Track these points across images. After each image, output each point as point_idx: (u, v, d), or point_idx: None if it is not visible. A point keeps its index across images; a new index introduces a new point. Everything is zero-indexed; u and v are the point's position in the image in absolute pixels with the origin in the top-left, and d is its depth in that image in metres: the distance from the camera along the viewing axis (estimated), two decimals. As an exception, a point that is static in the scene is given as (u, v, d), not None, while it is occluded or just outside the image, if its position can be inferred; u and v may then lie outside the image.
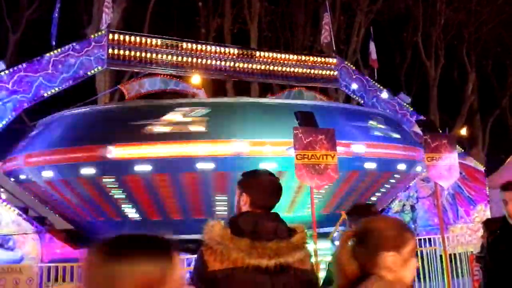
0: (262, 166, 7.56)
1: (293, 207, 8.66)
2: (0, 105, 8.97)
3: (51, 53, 9.58)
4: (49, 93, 9.55)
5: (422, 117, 12.65)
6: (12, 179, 10.01)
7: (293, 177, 6.61)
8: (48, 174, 8.55)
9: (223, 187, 8.02)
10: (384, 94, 12.98)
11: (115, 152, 7.88)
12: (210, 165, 7.84)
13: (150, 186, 8.11)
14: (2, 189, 11.32)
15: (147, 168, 7.90)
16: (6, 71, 9.08)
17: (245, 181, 2.20)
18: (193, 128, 8.10)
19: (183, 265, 7.68)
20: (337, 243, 9.19)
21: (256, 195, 2.13)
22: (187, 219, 8.31)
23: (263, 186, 2.16)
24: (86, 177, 8.23)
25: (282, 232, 2.01)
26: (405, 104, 13.28)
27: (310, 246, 6.71)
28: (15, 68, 9.24)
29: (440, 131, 9.85)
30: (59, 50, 9.68)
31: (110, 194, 8.37)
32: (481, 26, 23.35)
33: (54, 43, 10.01)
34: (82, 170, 8.12)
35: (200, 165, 7.84)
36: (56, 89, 9.63)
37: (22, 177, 9.28)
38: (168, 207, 8.46)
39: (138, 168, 7.90)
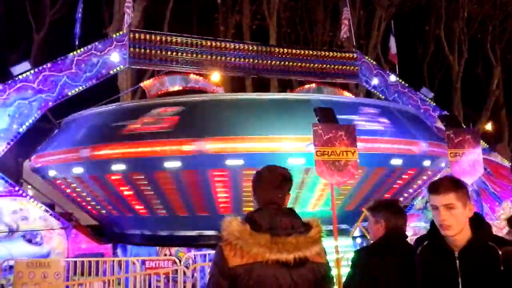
0: (291, 161, 7.61)
1: (319, 203, 8.64)
2: (26, 104, 9.22)
3: (75, 52, 9.79)
4: (73, 92, 9.77)
5: (445, 112, 12.42)
6: (40, 176, 10.28)
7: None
8: (78, 170, 8.70)
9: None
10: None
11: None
12: (239, 162, 7.88)
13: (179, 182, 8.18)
14: (29, 186, 11.67)
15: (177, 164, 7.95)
16: (32, 71, 9.32)
17: (252, 180, 2.24)
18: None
19: (206, 260, 7.78)
20: (358, 240, 9.11)
21: (258, 191, 2.17)
22: (213, 215, 8.34)
23: (263, 182, 2.18)
24: (117, 173, 8.35)
25: (299, 227, 2.04)
26: (427, 99, 13.06)
27: (331, 243, 6.69)
28: (40, 68, 9.48)
29: (464, 126, 9.66)
30: (82, 49, 9.88)
31: (140, 190, 8.46)
32: (507, 19, 22.70)
33: (77, 43, 10.22)
34: (113, 167, 8.25)
35: (229, 162, 7.87)
36: (80, 88, 9.84)
37: (51, 173, 9.50)
38: (194, 204, 8.52)
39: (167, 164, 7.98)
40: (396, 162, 8.65)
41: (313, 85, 13.04)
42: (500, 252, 2.06)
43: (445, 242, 2.14)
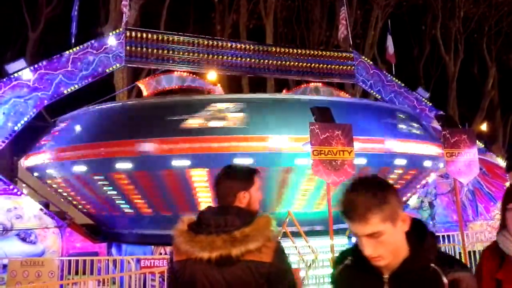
0: (297, 161, 7.61)
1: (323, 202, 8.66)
2: (21, 102, 9.17)
3: (70, 50, 9.74)
4: (69, 90, 9.72)
5: (441, 112, 12.46)
6: (36, 174, 10.21)
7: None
8: (80, 168, 8.63)
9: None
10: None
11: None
12: (249, 161, 7.87)
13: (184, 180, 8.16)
14: (24, 185, 11.60)
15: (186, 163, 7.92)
16: (27, 69, 9.27)
17: None
18: (230, 124, 8.12)
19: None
20: (354, 239, 9.13)
21: (212, 191, 2.28)
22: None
23: (215, 180, 2.25)
24: (121, 172, 8.31)
25: (230, 226, 2.02)
26: (423, 99, 13.10)
27: (327, 242, 6.70)
28: (36, 65, 9.43)
29: (460, 126, 9.69)
30: (78, 47, 9.83)
31: (143, 188, 8.43)
32: (502, 19, 22.82)
33: (73, 41, 10.17)
34: (117, 165, 8.18)
35: (238, 161, 7.85)
36: (76, 86, 9.80)
37: (48, 171, 9.44)
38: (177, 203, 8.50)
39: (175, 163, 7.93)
40: (400, 162, 8.76)
41: (310, 84, 13.06)
42: (444, 280, 1.54)
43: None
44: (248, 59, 11.58)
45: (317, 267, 7.32)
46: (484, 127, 22.86)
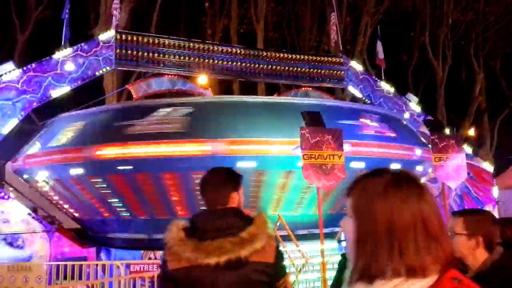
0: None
1: (300, 206, 8.67)
2: (10, 105, 9.06)
3: (60, 53, 9.66)
4: (58, 93, 9.63)
5: (429, 117, 12.60)
6: (25, 176, 10.08)
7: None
8: (76, 171, 8.58)
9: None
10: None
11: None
12: (253, 164, 7.88)
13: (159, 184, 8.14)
14: (11, 188, 11.44)
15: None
16: (16, 71, 9.17)
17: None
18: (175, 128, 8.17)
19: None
20: (344, 243, 9.16)
21: (203, 194, 2.20)
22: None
23: (205, 184, 2.21)
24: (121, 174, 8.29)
25: (233, 228, 2.01)
26: (412, 104, 13.23)
27: (316, 246, 6.70)
28: (25, 68, 9.33)
29: (448, 132, 9.81)
30: (67, 50, 9.76)
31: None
32: (489, 27, 23.20)
33: (63, 43, 10.09)
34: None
35: (240, 164, 7.83)
36: (65, 89, 9.71)
37: (35, 175, 9.35)
38: (174, 206, 8.48)
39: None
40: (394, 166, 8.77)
41: (301, 89, 13.12)
42: None
43: None
44: (239, 63, 11.60)
45: (308, 271, 7.33)
46: (471, 132, 23.15)
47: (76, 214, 9.72)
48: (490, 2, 22.20)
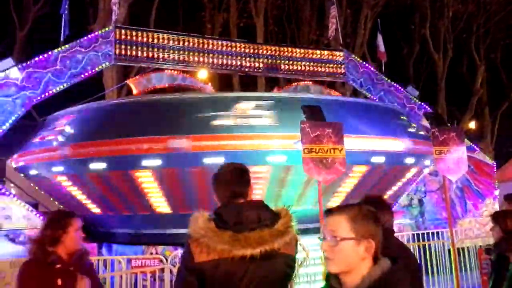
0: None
1: (301, 200, 8.66)
2: (10, 101, 9.06)
3: (59, 49, 9.64)
4: (57, 89, 9.62)
5: (430, 110, 12.57)
6: (24, 174, 10.08)
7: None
8: (97, 166, 8.39)
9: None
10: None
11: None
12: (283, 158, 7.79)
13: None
14: (12, 185, 11.47)
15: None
16: (15, 68, 9.16)
17: (212, 181, 2.27)
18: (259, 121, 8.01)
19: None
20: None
21: (219, 188, 2.20)
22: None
23: (222, 178, 2.21)
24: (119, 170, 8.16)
25: (266, 219, 2.02)
26: (413, 97, 13.20)
27: (316, 240, 6.72)
28: (24, 64, 9.32)
29: (449, 124, 9.78)
30: (66, 46, 9.73)
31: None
32: (490, 18, 23.09)
33: (62, 39, 10.07)
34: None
35: (270, 158, 7.75)
36: (65, 85, 9.70)
37: (35, 172, 9.32)
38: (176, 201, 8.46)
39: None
40: (380, 160, 8.71)
41: (301, 83, 13.09)
42: None
43: None
44: (239, 57, 11.57)
45: (309, 265, 7.35)
46: (472, 125, 23.12)
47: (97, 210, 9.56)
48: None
